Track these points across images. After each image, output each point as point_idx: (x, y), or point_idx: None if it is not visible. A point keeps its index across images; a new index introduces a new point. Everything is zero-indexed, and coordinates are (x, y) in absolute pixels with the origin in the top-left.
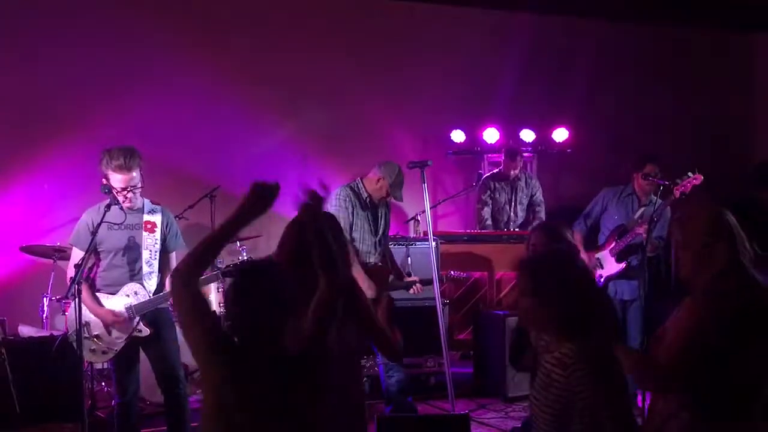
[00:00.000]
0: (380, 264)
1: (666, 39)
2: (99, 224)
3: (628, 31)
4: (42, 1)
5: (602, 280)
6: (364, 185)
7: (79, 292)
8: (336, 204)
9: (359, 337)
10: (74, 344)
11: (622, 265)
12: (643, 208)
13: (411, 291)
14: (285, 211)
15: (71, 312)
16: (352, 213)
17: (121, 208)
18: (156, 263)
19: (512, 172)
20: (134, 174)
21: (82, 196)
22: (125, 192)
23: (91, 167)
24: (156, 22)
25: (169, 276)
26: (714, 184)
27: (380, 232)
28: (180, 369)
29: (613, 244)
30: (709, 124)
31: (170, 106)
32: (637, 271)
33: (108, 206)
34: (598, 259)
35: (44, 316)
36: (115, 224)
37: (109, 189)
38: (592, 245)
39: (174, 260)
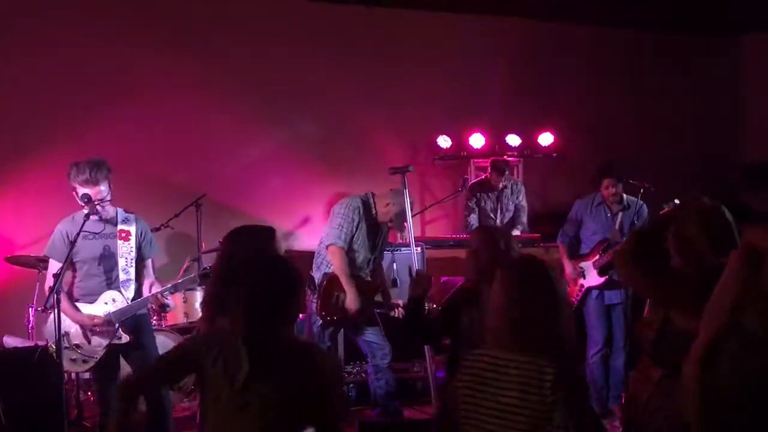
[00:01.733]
0: (369, 280)
1: (652, 42)
2: (78, 233)
3: (615, 35)
4: (20, 14)
5: (584, 289)
6: (375, 202)
7: (58, 301)
8: (344, 211)
9: None
10: (54, 354)
11: (604, 278)
12: (620, 213)
13: (393, 313)
14: (266, 217)
15: (50, 322)
16: (357, 225)
17: (100, 218)
18: (132, 271)
19: (499, 185)
20: (102, 187)
21: (66, 207)
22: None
23: None
24: (142, 31)
25: (146, 282)
26: (701, 186)
27: (377, 250)
28: None
29: (597, 257)
30: (696, 127)
31: (157, 114)
32: (619, 283)
33: (87, 215)
34: (581, 268)
35: (30, 326)
36: (90, 234)
37: (88, 198)
38: (575, 254)
39: (150, 267)
